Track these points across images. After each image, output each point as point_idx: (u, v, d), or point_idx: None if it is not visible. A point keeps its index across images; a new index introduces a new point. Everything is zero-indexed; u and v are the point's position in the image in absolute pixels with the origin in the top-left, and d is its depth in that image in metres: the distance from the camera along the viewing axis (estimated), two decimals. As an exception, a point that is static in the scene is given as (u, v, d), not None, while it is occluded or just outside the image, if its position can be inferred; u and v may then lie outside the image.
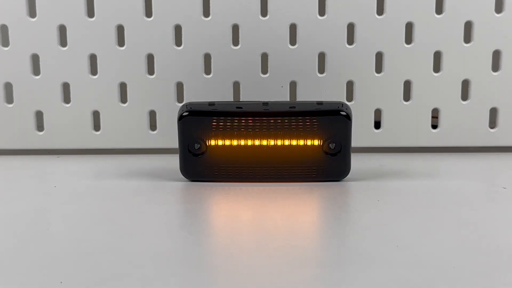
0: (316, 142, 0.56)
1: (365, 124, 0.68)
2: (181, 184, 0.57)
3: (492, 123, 0.68)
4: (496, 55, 0.67)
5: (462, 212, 0.49)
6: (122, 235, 0.44)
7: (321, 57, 0.67)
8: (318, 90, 0.67)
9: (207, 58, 0.67)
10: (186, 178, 0.57)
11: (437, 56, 0.67)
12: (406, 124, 0.68)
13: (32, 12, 0.66)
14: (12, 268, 0.39)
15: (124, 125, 0.68)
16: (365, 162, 0.64)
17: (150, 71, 0.67)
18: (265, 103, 0.58)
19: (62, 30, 0.67)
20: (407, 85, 0.67)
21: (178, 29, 0.67)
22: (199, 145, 0.56)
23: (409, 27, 0.66)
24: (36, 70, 0.67)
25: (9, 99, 0.68)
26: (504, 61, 0.66)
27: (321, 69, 0.67)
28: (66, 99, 0.68)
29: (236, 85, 0.68)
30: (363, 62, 0.67)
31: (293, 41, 0.67)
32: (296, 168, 0.56)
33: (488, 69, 0.67)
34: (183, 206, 0.53)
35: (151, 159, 0.67)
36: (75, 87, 0.68)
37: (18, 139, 0.69)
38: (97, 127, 0.69)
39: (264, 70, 0.67)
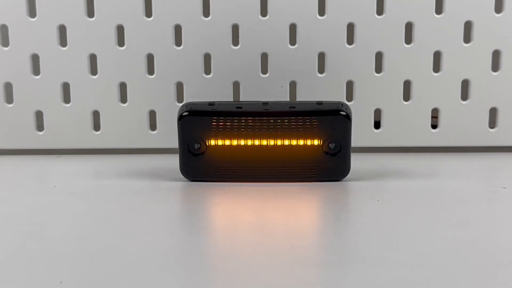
0: (316, 142, 0.56)
1: (365, 124, 0.68)
2: (181, 184, 0.57)
3: (492, 123, 0.68)
4: (496, 55, 0.67)
5: (462, 212, 0.49)
6: (122, 235, 0.44)
7: (321, 57, 0.67)
8: (318, 90, 0.67)
9: (207, 58, 0.67)
10: (186, 178, 0.57)
11: (437, 56, 0.67)
12: (406, 124, 0.68)
13: (32, 12, 0.66)
14: (12, 268, 0.39)
15: (124, 125, 0.68)
16: (365, 162, 0.64)
17: (150, 71, 0.67)
18: (265, 103, 0.58)
19: (62, 30, 0.67)
20: (407, 85, 0.67)
21: (178, 29, 0.67)
22: (199, 145, 0.56)
23: (409, 27, 0.66)
24: (36, 70, 0.68)
25: (9, 99, 0.68)
26: (504, 61, 0.66)
27: (321, 69, 0.67)
28: (66, 99, 0.68)
29: (236, 85, 0.68)
30: (363, 62, 0.67)
31: (293, 41, 0.67)
32: (296, 168, 0.56)
33: (488, 69, 0.67)
34: (183, 206, 0.53)
35: (151, 159, 0.67)
36: (75, 87, 0.68)
37: (18, 139, 0.69)
38: (97, 127, 0.69)
39: (264, 70, 0.67)
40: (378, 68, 0.67)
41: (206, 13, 0.66)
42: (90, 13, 0.66)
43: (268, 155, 0.56)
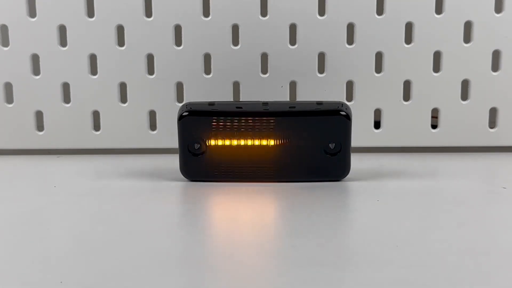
0: (316, 142, 0.56)
1: (365, 124, 0.68)
2: (181, 184, 0.57)
3: (492, 123, 0.68)
4: (496, 55, 0.67)
5: (462, 212, 0.49)
6: (122, 235, 0.44)
7: (321, 57, 0.67)
8: (318, 90, 0.67)
9: (207, 58, 0.67)
10: (186, 178, 0.57)
11: (437, 56, 0.67)
12: (406, 124, 0.68)
13: (32, 12, 0.66)
14: (12, 268, 0.39)
15: (124, 125, 0.68)
16: (365, 162, 0.64)
17: (150, 71, 0.67)
18: (265, 103, 0.58)
19: (62, 30, 0.67)
20: (407, 85, 0.67)
21: (178, 29, 0.67)
22: (199, 145, 0.56)
23: (409, 27, 0.66)
24: (36, 70, 0.68)
25: (9, 99, 0.68)
26: (504, 61, 0.66)
27: (321, 69, 0.67)
28: (66, 99, 0.68)
29: (236, 85, 0.68)
30: (363, 62, 0.67)
31: (293, 41, 0.67)
32: (296, 168, 0.56)
33: (488, 69, 0.67)
34: (183, 206, 0.53)
35: (151, 159, 0.67)
36: (75, 87, 0.68)
37: (18, 139, 0.69)
38: (97, 127, 0.69)
39: (264, 70, 0.67)
40: (378, 68, 0.67)
41: (206, 13, 0.66)
42: (90, 13, 0.66)
43: (268, 155, 0.56)
